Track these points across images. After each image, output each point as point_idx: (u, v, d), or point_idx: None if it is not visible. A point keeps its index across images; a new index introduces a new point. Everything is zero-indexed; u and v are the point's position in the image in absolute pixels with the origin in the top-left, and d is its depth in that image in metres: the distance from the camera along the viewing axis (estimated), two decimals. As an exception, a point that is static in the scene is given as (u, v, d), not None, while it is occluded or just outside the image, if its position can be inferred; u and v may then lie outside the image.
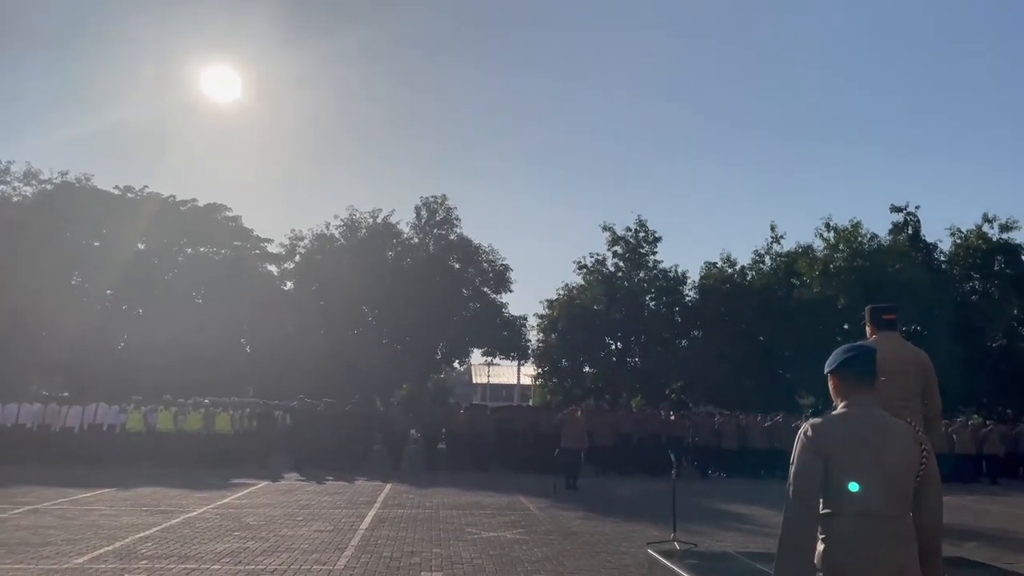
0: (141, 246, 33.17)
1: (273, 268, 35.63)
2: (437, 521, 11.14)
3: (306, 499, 13.56)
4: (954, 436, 21.49)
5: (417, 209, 34.96)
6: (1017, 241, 33.45)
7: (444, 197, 34.89)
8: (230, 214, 35.11)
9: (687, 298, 34.96)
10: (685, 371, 33.36)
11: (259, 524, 10.58)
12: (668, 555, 6.26)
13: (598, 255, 35.50)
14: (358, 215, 34.58)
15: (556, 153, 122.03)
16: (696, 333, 34.76)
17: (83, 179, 32.71)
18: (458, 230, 34.85)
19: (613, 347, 35.08)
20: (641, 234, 35.20)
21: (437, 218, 34.76)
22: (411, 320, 31.67)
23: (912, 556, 3.09)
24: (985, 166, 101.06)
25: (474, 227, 44.29)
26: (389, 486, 15.93)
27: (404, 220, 35.11)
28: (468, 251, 34.46)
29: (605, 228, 35.33)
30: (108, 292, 32.34)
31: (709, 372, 31.96)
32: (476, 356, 40.86)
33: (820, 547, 3.13)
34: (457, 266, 34.47)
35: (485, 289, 34.79)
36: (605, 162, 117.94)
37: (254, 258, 35.31)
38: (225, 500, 13.27)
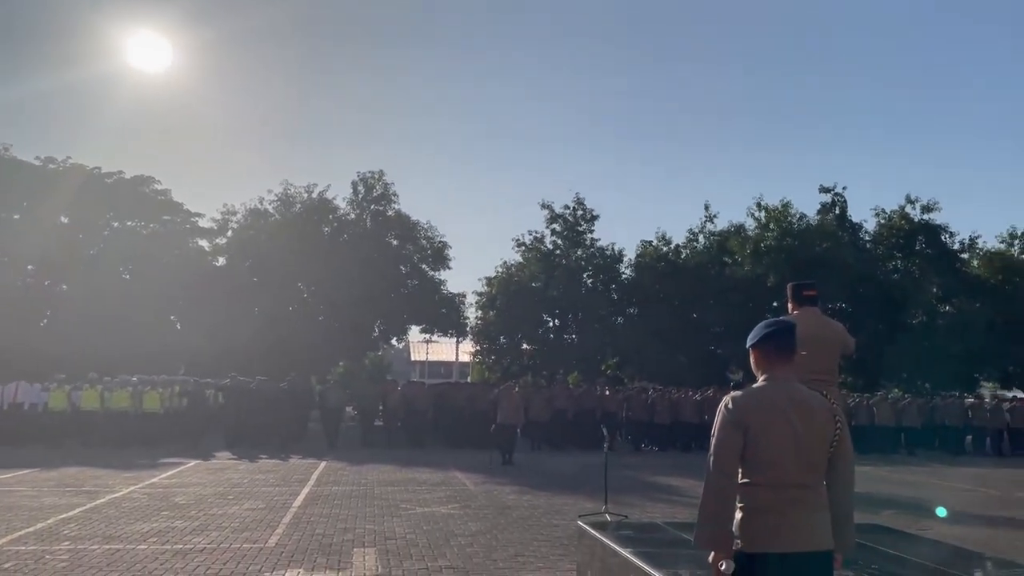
0: (64, 219, 31.96)
1: (205, 243, 34.82)
2: (372, 498, 11.13)
3: (238, 478, 13.37)
4: (875, 409, 22.35)
5: (354, 184, 34.53)
6: (938, 222, 34.88)
7: (381, 173, 34.55)
8: (159, 187, 34.10)
9: (623, 276, 35.46)
10: (621, 347, 33.92)
11: (188, 503, 10.40)
12: (598, 526, 6.37)
13: (536, 233, 35.77)
14: (293, 190, 34.00)
15: (495, 131, 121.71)
16: (632, 310, 35.32)
17: (2, 149, 31.27)
18: (396, 206, 34.59)
19: (551, 324, 35.41)
20: (579, 212, 35.53)
21: (374, 194, 34.38)
22: (348, 297, 31.34)
23: (824, 522, 3.20)
24: (909, 149, 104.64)
25: (412, 204, 44.20)
26: (324, 464, 15.82)
27: (340, 195, 34.69)
28: (406, 227, 34.22)
29: (543, 206, 35.59)
30: (29, 267, 31.13)
31: (644, 348, 32.56)
32: (414, 333, 40.78)
33: (738, 515, 3.22)
34: (395, 243, 34.21)
35: (423, 266, 34.65)
36: (544, 140, 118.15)
37: (184, 233, 34.38)
38: (153, 480, 12.99)
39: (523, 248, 35.62)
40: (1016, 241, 35.52)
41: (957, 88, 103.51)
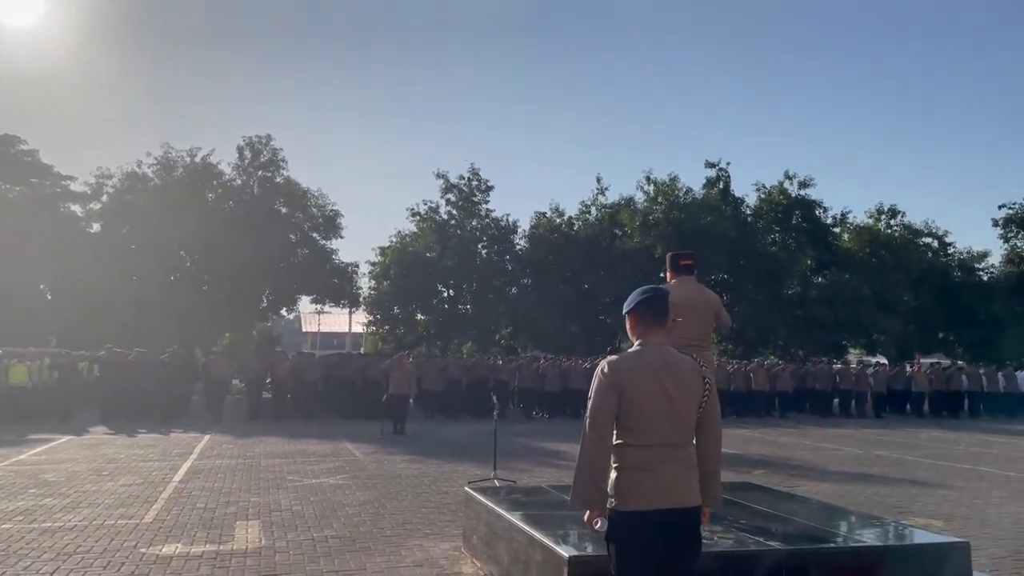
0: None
1: (77, 208, 32.71)
2: (257, 470, 10.88)
3: (114, 453, 12.79)
4: (751, 375, 23.50)
5: (240, 149, 33.19)
6: (813, 197, 36.76)
7: (269, 137, 33.34)
8: (25, 147, 31.79)
9: (518, 247, 35.74)
10: (515, 317, 34.28)
11: (59, 480, 9.88)
12: (484, 492, 6.47)
13: (431, 203, 35.54)
14: (174, 153, 32.35)
15: (389, 100, 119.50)
16: (526, 281, 35.69)
17: None
18: (285, 173, 33.50)
19: (445, 294, 35.37)
20: (474, 183, 35.48)
21: (262, 159, 33.17)
22: (234, 266, 30.25)
23: (693, 479, 3.35)
24: (789, 126, 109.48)
25: (302, 170, 42.76)
26: (208, 437, 15.33)
27: (225, 160, 33.26)
28: (296, 195, 33.23)
29: (439, 176, 35.35)
30: None
31: (537, 318, 33.03)
32: (305, 304, 39.88)
33: (613, 475, 3.33)
34: (284, 210, 33.19)
35: (314, 235, 33.79)
36: (439, 110, 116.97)
37: (55, 197, 32.23)
38: (21, 457, 12.27)
39: (418, 218, 35.34)
40: (883, 217, 37.90)
41: (832, 69, 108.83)
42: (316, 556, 6.17)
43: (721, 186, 36.54)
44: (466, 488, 6.75)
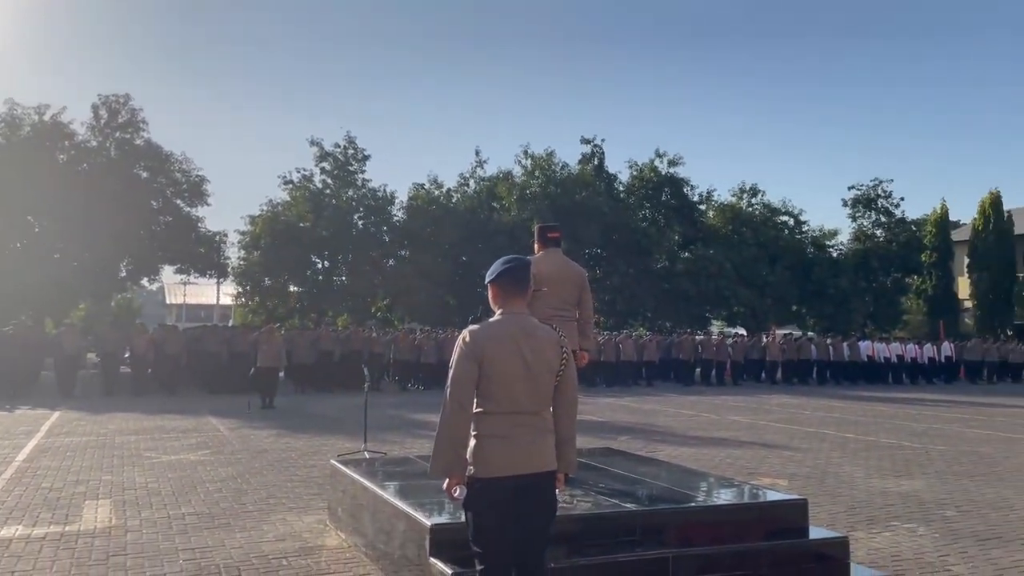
0: None
1: (-96, 167, 29.61)
2: (110, 448, 10.33)
3: (-52, 433, 11.82)
4: (620, 346, 24.32)
5: (95, 108, 30.88)
6: (681, 175, 38.18)
7: (128, 97, 31.20)
8: None
9: (395, 218, 35.31)
10: (391, 289, 33.93)
11: None
12: (351, 464, 6.40)
13: (305, 170, 34.48)
14: (20, 110, 29.74)
15: (260, 60, 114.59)
16: (403, 253, 35.35)
17: None
18: (145, 135, 31.46)
19: (320, 265, 34.55)
20: (350, 151, 34.67)
21: (120, 120, 31.03)
22: (89, 233, 28.30)
23: (549, 445, 3.43)
24: (660, 106, 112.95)
25: (165, 133, 40.16)
26: (57, 414, 14.42)
27: (79, 120, 30.91)
28: (158, 159, 31.33)
29: (313, 143, 34.33)
30: None
31: (414, 290, 32.84)
32: (169, 274, 37.85)
33: (472, 443, 3.37)
34: (145, 175, 31.26)
35: (178, 201, 32.03)
36: (314, 75, 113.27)
37: None
38: None
39: (290, 186, 34.21)
40: (745, 195, 39.85)
41: (702, 54, 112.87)
42: (171, 534, 5.94)
43: (596, 162, 37.34)
44: (332, 461, 6.66)
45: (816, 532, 5.12)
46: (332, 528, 6.12)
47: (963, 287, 42.79)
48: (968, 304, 42.43)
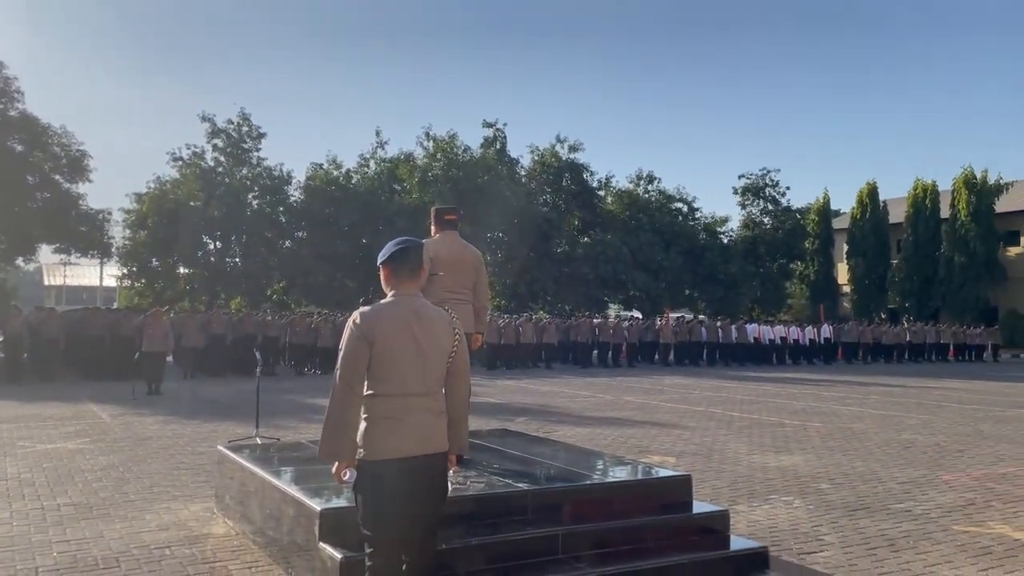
0: None
1: None
2: (-21, 438, 9.70)
3: None
4: (520, 329, 24.56)
5: (-37, 76, 28.71)
6: (581, 161, 38.75)
7: (1, 64, 29.16)
8: None
9: (292, 198, 34.43)
10: (288, 271, 33.11)
11: None
12: (239, 450, 6.23)
13: (196, 147, 33.17)
14: None
15: (146, 30, 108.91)
16: (300, 234, 34.54)
17: None
18: (20, 106, 29.48)
19: (212, 246, 33.36)
20: (244, 128, 33.53)
21: (-9, 89, 28.95)
22: (-45, 209, 26.38)
23: (440, 426, 3.44)
24: (561, 90, 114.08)
25: (42, 105, 37.54)
26: (-82, 403, 13.41)
27: (-57, 87, 28.65)
28: (34, 132, 29.39)
29: (204, 119, 33.03)
30: None
31: (312, 273, 32.15)
32: (47, 254, 35.77)
33: (363, 425, 3.34)
34: (19, 148, 29.27)
35: (57, 177, 30.15)
36: (204, 47, 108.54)
37: None
38: None
39: (180, 163, 32.82)
40: (641, 182, 40.85)
41: (602, 45, 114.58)
42: (45, 526, 5.63)
43: (498, 146, 37.43)
44: (219, 447, 6.47)
45: (699, 506, 5.33)
46: (219, 516, 5.95)
47: (842, 272, 45.35)
48: (846, 289, 45.00)
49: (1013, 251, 41.93)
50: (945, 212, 41.40)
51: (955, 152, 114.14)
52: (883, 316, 41.35)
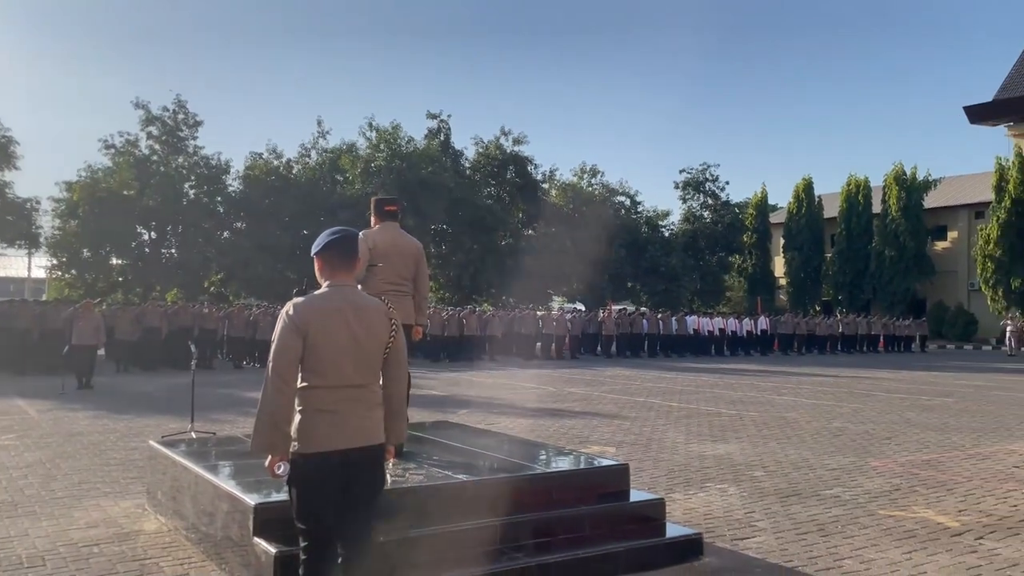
0: None
1: None
2: None
3: None
4: (464, 321, 24.52)
5: None
6: (526, 154, 38.83)
7: (-84, 44, 27.89)
8: None
9: (231, 188, 33.70)
10: (226, 263, 32.41)
11: None
12: (172, 445, 6.09)
13: (129, 135, 32.17)
14: None
15: (76, 12, 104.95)
16: (239, 225, 33.84)
17: None
18: (-60, 88, 28.28)
19: (146, 237, 32.46)
20: (180, 116, 32.66)
21: (-93, 69, 27.65)
22: None
23: (377, 419, 3.40)
24: (505, 81, 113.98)
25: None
26: None
27: None
28: (-45, 115, 28.23)
29: (138, 105, 32.06)
30: None
31: (252, 264, 31.54)
32: (-30, 244, 34.19)
33: (297, 418, 3.29)
34: (-62, 133, 28.09)
35: (-19, 164, 29.02)
36: (137, 32, 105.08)
37: None
38: None
39: (113, 151, 31.78)
40: (585, 175, 41.15)
41: (547, 38, 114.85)
42: (-35, 527, 5.42)
43: (442, 138, 37.23)
44: (151, 442, 6.31)
45: (636, 495, 5.40)
46: (151, 512, 5.81)
47: (779, 266, 46.45)
48: (783, 281, 46.13)
49: (940, 245, 43.51)
50: (877, 207, 42.66)
51: (888, 149, 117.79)
52: (817, 308, 42.55)
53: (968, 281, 41.57)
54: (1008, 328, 32.57)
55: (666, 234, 42.69)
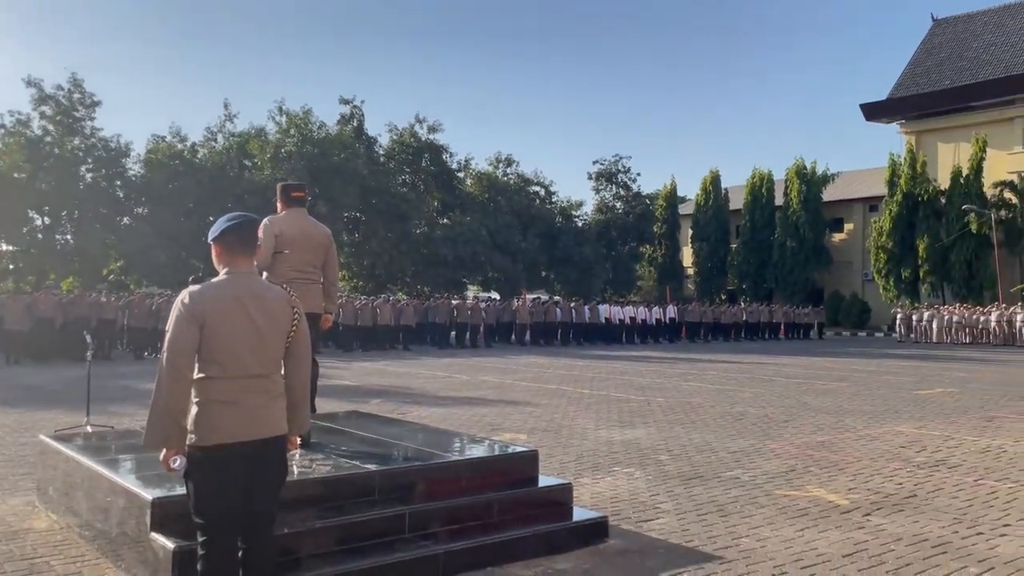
0: None
1: None
2: None
3: None
4: (378, 310, 24.28)
5: None
6: (441, 142, 38.64)
7: None
8: None
9: (131, 172, 32.30)
10: (126, 250, 31.11)
11: None
12: (64, 439, 5.82)
13: (20, 114, 30.40)
14: None
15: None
16: (141, 210, 32.50)
17: None
18: None
19: (39, 222, 30.83)
20: (76, 95, 31.06)
21: None
22: None
23: (279, 409, 3.34)
24: (419, 70, 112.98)
25: None
26: None
27: None
28: None
29: (29, 83, 30.32)
30: None
31: (153, 251, 30.37)
32: None
33: (194, 410, 3.19)
34: None
35: None
36: (31, 10, 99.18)
37: None
38: None
39: (2, 131, 29.98)
40: (500, 165, 41.25)
41: (461, 28, 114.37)
42: None
43: (355, 124, 36.65)
44: (42, 437, 6.01)
45: (545, 480, 5.48)
46: (42, 509, 5.54)
47: (687, 256, 47.73)
48: (691, 271, 47.43)
49: (837, 237, 45.54)
50: (780, 200, 44.28)
51: (790, 144, 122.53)
52: (723, 297, 43.93)
53: (863, 271, 43.67)
54: (898, 316, 34.47)
55: (579, 224, 43.25)
